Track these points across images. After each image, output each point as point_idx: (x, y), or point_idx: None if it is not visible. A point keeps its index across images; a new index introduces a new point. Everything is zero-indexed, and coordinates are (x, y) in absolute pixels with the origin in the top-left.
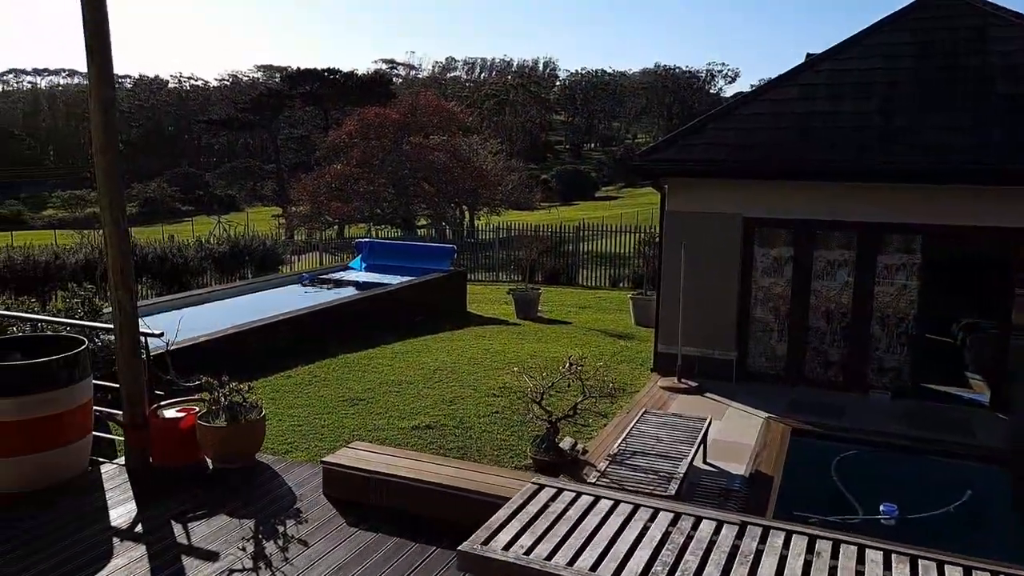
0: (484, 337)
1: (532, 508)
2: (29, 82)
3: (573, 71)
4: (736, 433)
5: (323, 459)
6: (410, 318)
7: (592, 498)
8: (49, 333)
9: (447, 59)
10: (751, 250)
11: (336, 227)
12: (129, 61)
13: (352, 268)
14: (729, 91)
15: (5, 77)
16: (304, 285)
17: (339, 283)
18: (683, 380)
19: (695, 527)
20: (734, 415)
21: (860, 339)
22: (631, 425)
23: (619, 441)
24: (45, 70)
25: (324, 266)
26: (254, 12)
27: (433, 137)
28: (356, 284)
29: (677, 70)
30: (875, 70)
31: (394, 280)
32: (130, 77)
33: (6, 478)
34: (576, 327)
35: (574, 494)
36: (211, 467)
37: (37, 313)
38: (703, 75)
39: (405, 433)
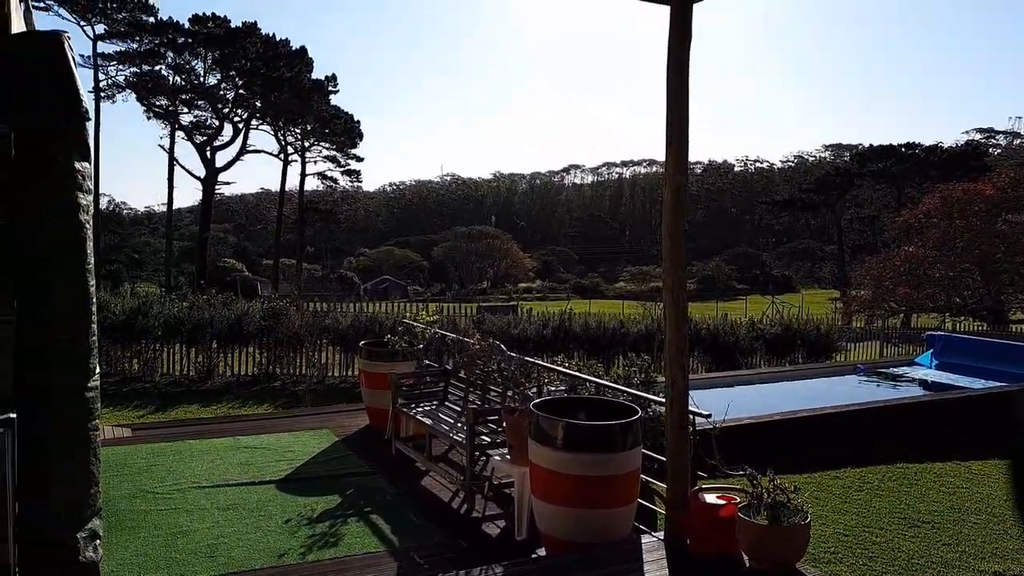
0: None
1: None
2: (616, 172)
3: None
4: None
5: None
6: (995, 432)
7: None
8: (608, 397)
9: None
10: None
11: (902, 315)
12: (702, 148)
13: (919, 364)
14: None
15: (599, 169)
16: (859, 376)
17: (901, 379)
18: None
19: None
20: None
21: None
22: None
23: None
24: (630, 161)
25: (884, 358)
26: (821, 93)
27: None
28: (923, 383)
29: None
30: None
31: (975, 384)
32: (700, 163)
33: (557, 525)
34: None
35: None
36: (747, 564)
37: (600, 376)
38: None
39: None
